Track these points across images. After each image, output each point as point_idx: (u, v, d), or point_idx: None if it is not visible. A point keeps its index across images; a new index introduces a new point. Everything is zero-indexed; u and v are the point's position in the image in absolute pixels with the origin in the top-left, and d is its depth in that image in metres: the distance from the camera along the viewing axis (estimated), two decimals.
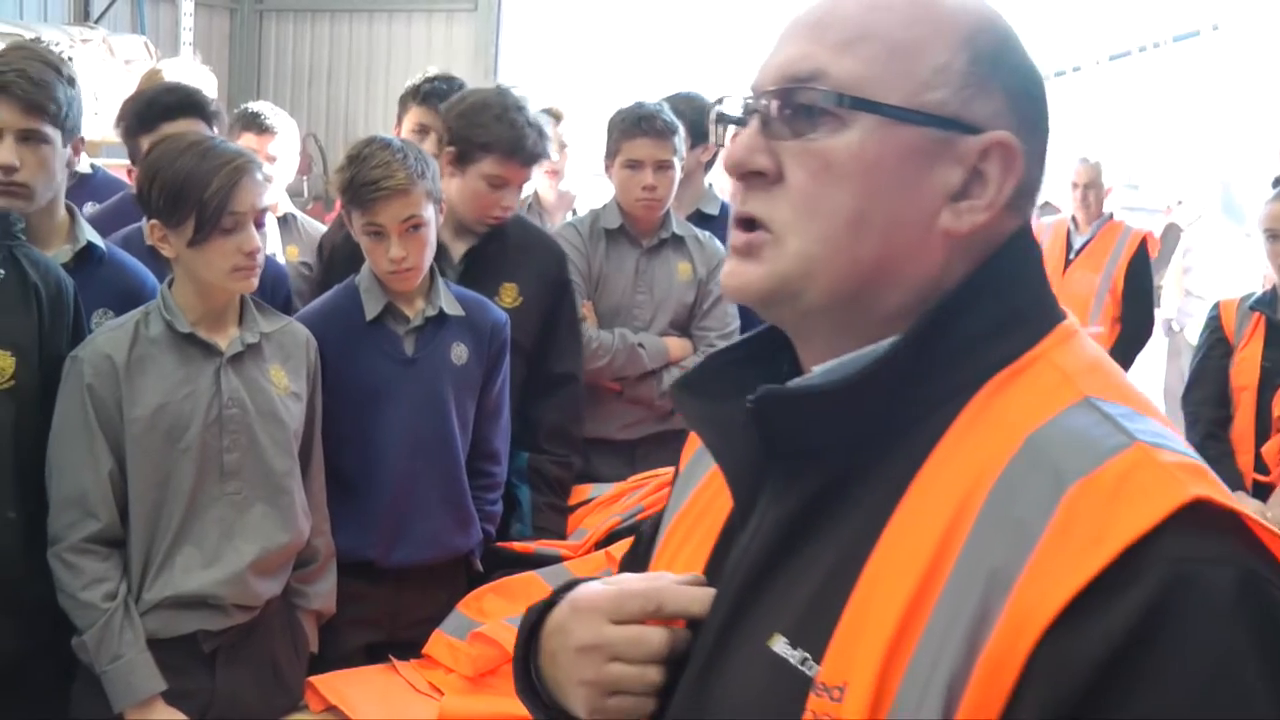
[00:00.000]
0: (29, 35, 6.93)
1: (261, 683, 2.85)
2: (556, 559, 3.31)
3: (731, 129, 1.19)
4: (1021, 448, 1.01)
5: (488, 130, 3.53)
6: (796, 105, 1.11)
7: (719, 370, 1.24)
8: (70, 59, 3.85)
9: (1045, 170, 1.16)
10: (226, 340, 2.76)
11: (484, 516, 3.36)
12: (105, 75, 7.67)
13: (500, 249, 3.65)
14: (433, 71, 4.50)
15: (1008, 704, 0.94)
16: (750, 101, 1.16)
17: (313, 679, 2.95)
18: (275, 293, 3.40)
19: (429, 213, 3.09)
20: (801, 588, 1.08)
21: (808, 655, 1.04)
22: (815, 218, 1.10)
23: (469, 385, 3.28)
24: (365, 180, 3.02)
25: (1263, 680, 0.91)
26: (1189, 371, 4.63)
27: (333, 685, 2.93)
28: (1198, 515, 0.94)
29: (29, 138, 2.81)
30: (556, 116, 5.01)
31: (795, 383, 1.15)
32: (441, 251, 3.57)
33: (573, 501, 3.68)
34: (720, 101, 1.21)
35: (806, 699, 1.02)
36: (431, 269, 3.19)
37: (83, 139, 2.99)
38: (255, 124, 4.58)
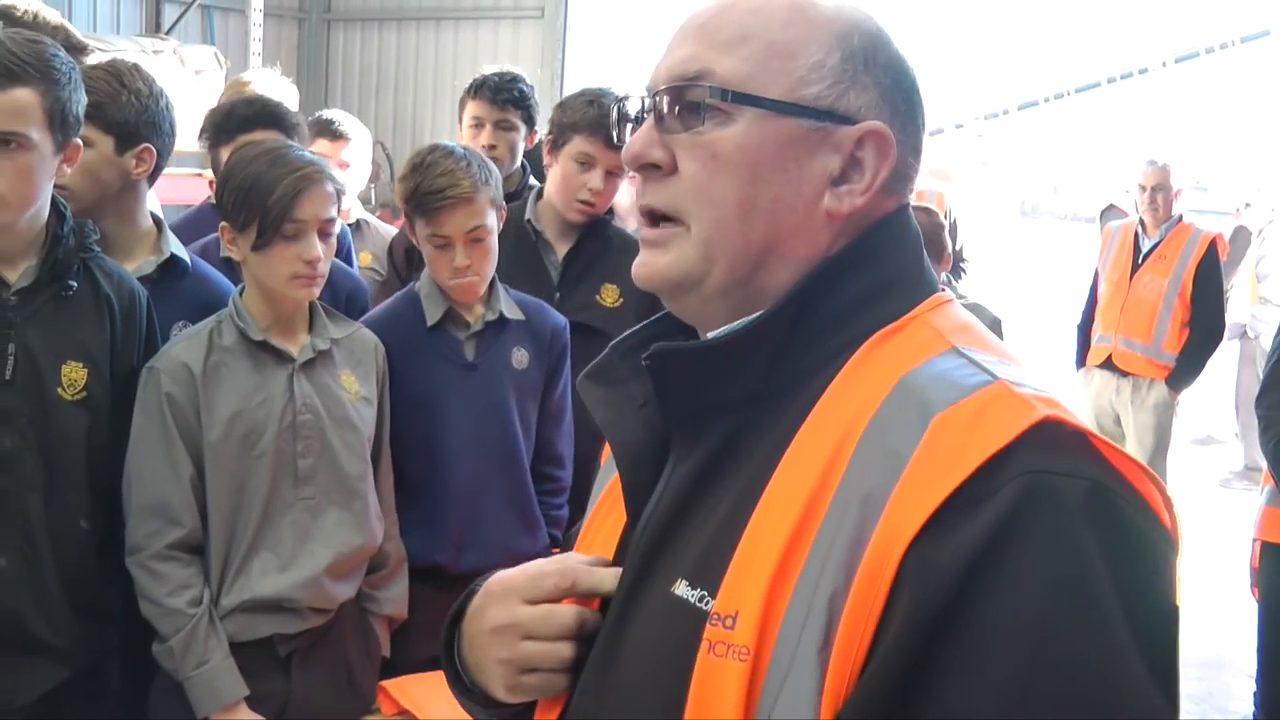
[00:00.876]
0: (102, 46, 7.02)
1: (335, 686, 2.88)
2: None
3: (631, 127, 1.30)
4: (894, 388, 1.12)
5: (576, 111, 3.62)
6: (686, 101, 1.22)
7: (621, 357, 1.32)
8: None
9: (921, 157, 1.28)
10: (298, 347, 2.80)
11: (550, 521, 3.37)
12: (176, 86, 7.74)
13: (603, 250, 3.69)
14: (489, 69, 4.52)
15: (881, 613, 1.02)
16: (645, 100, 1.27)
17: (385, 683, 2.97)
18: (351, 305, 3.42)
19: (492, 221, 3.11)
20: (702, 535, 1.17)
21: (705, 593, 1.12)
22: (708, 204, 1.21)
23: (530, 389, 3.29)
24: (430, 189, 3.03)
25: (1108, 582, 0.99)
26: (1263, 375, 4.58)
27: (405, 689, 2.95)
28: (1051, 434, 1.04)
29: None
30: None
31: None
32: (545, 249, 3.63)
33: None
34: (623, 101, 1.34)
35: (703, 630, 1.10)
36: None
37: (152, 149, 3.00)
38: (328, 130, 4.64)
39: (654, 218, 1.26)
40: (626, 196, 5.14)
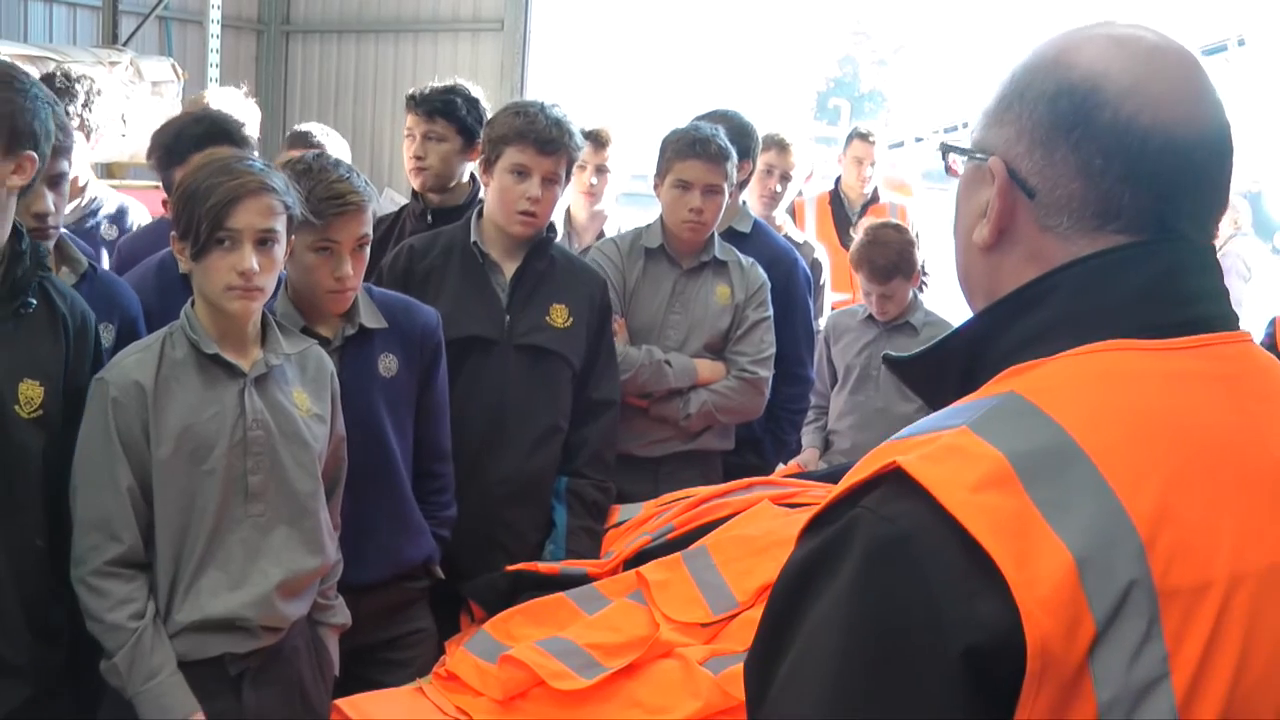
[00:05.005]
0: (58, 58, 6.96)
1: (288, 705, 2.83)
2: (583, 578, 3.29)
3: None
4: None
5: (504, 124, 3.61)
6: None
7: None
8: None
9: (1083, 183, 1.23)
10: (249, 361, 2.75)
11: (438, 522, 3.37)
12: (133, 97, 7.68)
13: (549, 269, 3.65)
14: (434, 83, 4.48)
15: None
16: None
17: (338, 701, 2.93)
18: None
19: (370, 231, 3.12)
20: None
21: None
22: None
23: (403, 395, 3.27)
24: (326, 195, 2.99)
25: (837, 635, 1.09)
26: None
27: (359, 707, 2.90)
28: (899, 479, 1.11)
29: (56, 182, 2.85)
30: (604, 141, 5.00)
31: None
32: (492, 270, 3.61)
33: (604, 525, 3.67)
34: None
35: None
36: None
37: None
38: (303, 142, 4.63)
39: None
40: (583, 211, 5.14)
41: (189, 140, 3.45)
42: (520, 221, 3.57)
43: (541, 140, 3.53)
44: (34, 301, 2.60)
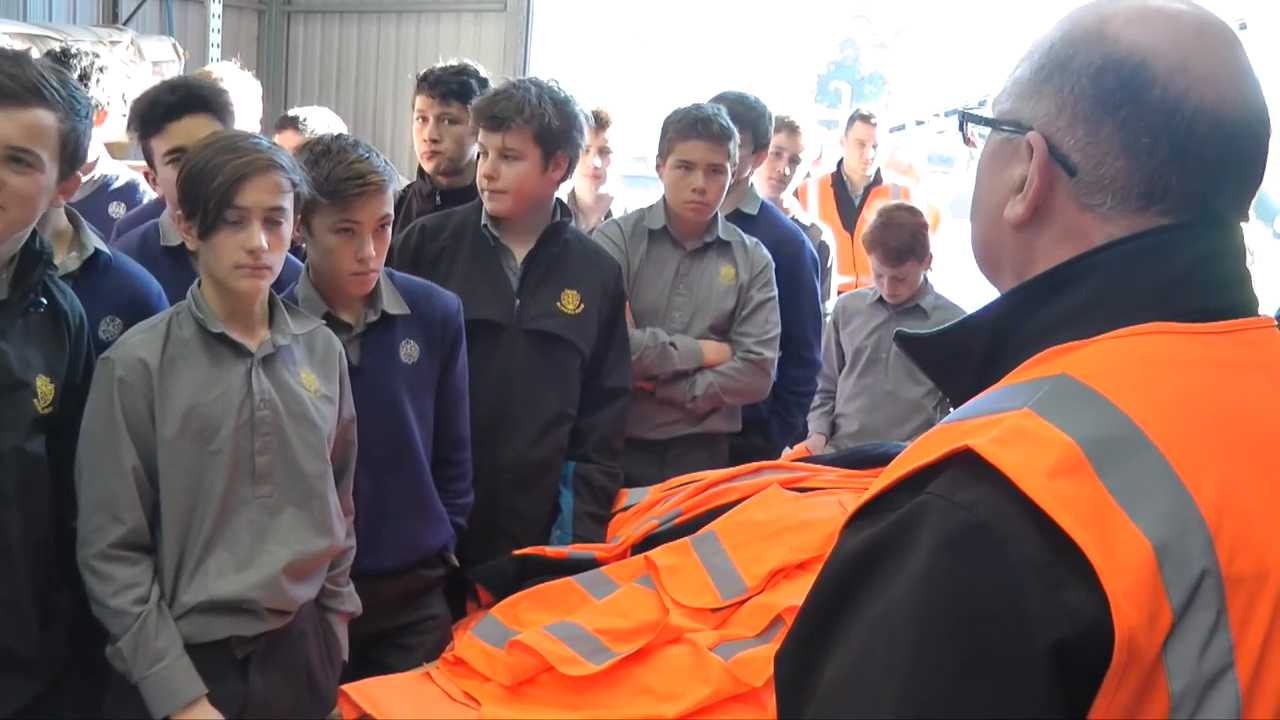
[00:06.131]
0: (58, 37, 6.92)
1: (295, 689, 2.81)
2: (591, 563, 3.27)
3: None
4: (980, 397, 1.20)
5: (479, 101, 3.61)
6: None
7: None
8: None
9: (1128, 162, 1.20)
10: (256, 341, 2.73)
11: (455, 509, 3.35)
12: (134, 77, 7.63)
13: (561, 254, 3.61)
14: (443, 63, 4.45)
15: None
16: None
17: (345, 686, 2.91)
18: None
19: (391, 212, 3.09)
20: None
21: None
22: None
23: (424, 381, 3.24)
24: (346, 175, 2.95)
25: (911, 629, 1.03)
26: None
27: (366, 693, 2.89)
28: (972, 462, 1.07)
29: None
30: (605, 122, 4.96)
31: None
32: (504, 254, 3.57)
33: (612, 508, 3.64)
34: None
35: None
36: None
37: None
38: (291, 126, 4.59)
39: None
40: (588, 194, 5.11)
41: (164, 109, 3.33)
42: (487, 197, 3.55)
43: (484, 115, 3.51)
44: (44, 301, 2.60)
